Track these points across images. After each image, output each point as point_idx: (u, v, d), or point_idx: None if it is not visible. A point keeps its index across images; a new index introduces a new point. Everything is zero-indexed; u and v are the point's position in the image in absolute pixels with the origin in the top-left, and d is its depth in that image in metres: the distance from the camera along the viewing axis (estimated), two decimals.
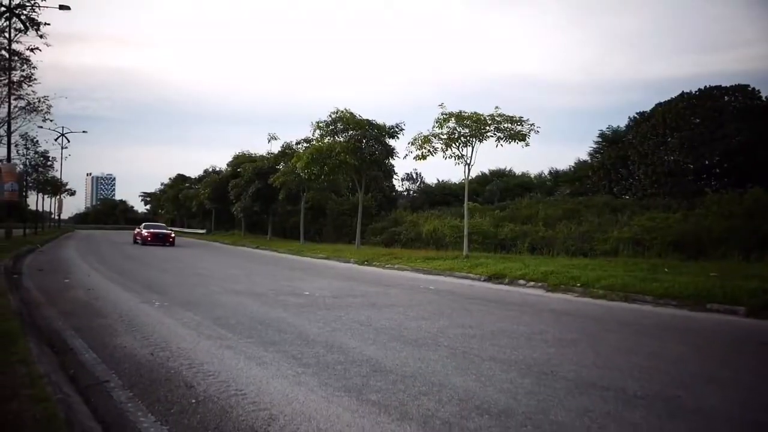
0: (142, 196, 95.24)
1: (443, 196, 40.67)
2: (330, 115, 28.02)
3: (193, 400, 4.36)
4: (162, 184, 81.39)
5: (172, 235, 33.33)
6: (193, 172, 74.12)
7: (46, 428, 3.26)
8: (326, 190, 36.06)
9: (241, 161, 44.62)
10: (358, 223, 28.88)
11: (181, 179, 71.53)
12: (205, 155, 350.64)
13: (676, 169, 30.12)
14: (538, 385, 5.05)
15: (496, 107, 20.16)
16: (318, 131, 28.71)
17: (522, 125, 20.15)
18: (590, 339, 7.44)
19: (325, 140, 28.31)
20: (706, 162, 30.45)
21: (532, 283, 13.93)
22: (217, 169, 57.90)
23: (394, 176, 40.39)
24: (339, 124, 28.12)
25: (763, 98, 30.00)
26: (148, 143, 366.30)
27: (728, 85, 30.77)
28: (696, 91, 31.37)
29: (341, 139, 27.97)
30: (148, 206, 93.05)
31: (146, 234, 31.94)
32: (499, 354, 6.26)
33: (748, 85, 30.00)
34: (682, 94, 31.71)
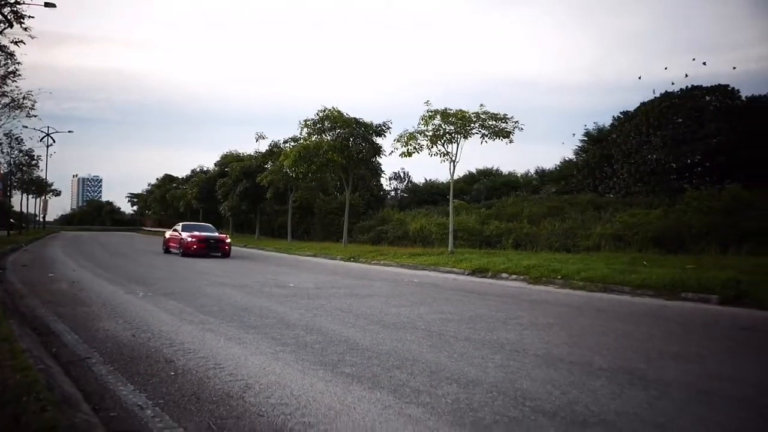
0: (129, 197, 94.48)
1: (431, 195, 40.89)
2: (317, 114, 28.15)
3: (172, 373, 4.50)
4: (149, 184, 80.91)
5: (228, 240, 22.98)
6: (181, 172, 73.68)
7: (27, 391, 3.38)
8: (314, 189, 36.14)
9: (229, 161, 44.56)
10: (345, 222, 29.03)
11: (168, 179, 71.17)
12: (193, 156, 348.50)
13: (659, 167, 30.56)
14: (508, 360, 5.24)
15: (481, 105, 20.46)
16: (305, 130, 28.83)
17: (506, 122, 20.44)
18: (564, 323, 7.65)
19: (313, 138, 28.42)
20: (688, 161, 30.98)
21: (514, 276, 14.18)
22: (205, 168, 57.75)
23: (382, 175, 40.58)
24: (326, 123, 28.24)
25: (743, 98, 30.61)
26: (135, 144, 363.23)
27: (709, 86, 31.34)
28: (678, 91, 31.90)
29: (328, 138, 28.10)
30: (134, 207, 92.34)
31: (190, 240, 21.61)
32: (474, 335, 6.45)
33: (728, 85, 30.53)
34: (665, 94, 32.23)
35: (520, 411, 3.73)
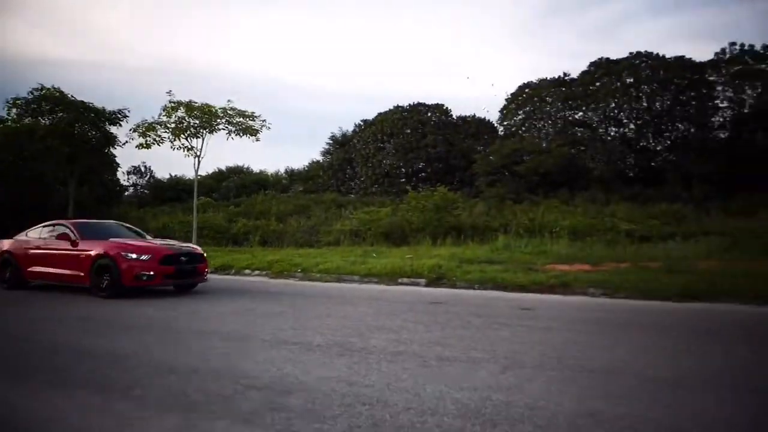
0: None
1: (176, 191, 38.41)
2: (32, 93, 23.89)
3: None
4: None
5: (205, 254, 11.15)
6: None
7: None
8: (28, 181, 30.46)
9: None
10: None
11: None
12: None
13: (392, 171, 34.82)
14: (236, 347, 5.44)
15: (229, 100, 20.22)
16: (14, 110, 24.16)
17: (254, 120, 20.62)
18: (295, 311, 8.21)
19: (25, 121, 24.00)
20: (414, 166, 36.00)
21: (257, 272, 14.47)
22: None
23: (118, 168, 36.43)
24: (44, 104, 24.15)
25: (454, 117, 36.95)
26: None
27: (430, 104, 36.90)
28: (408, 105, 36.76)
29: (47, 122, 24.09)
30: None
31: (137, 259, 9.39)
32: (205, 328, 6.48)
33: (443, 105, 36.43)
34: (397, 107, 36.76)
35: (233, 389, 3.96)
